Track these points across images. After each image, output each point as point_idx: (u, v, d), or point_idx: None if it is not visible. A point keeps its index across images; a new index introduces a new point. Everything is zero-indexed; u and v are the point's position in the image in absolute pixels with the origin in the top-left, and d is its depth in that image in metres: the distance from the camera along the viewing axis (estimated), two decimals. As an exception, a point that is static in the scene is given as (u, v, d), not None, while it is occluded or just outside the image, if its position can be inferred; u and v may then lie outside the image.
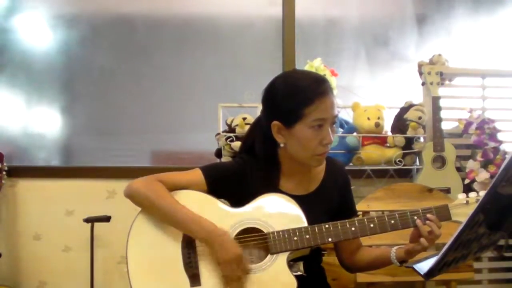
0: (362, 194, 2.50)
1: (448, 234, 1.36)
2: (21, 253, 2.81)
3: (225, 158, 2.63)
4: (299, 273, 1.55)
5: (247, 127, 2.50)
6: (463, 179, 2.78)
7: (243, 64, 3.20)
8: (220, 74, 3.17)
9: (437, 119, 2.76)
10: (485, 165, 2.77)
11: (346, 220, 1.58)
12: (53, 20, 3.12)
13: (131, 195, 1.58)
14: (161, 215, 1.56)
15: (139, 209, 1.60)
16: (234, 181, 1.63)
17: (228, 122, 2.70)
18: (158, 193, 1.56)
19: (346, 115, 2.90)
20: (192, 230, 1.53)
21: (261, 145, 1.66)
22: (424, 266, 1.43)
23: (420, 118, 2.76)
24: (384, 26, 3.36)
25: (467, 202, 1.59)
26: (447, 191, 2.68)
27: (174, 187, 1.60)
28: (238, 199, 1.61)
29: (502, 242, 1.44)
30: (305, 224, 1.56)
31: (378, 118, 2.76)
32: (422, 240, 1.54)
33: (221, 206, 1.60)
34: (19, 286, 2.80)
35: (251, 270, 1.52)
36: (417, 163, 2.84)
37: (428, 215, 1.57)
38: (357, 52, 3.31)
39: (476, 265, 2.78)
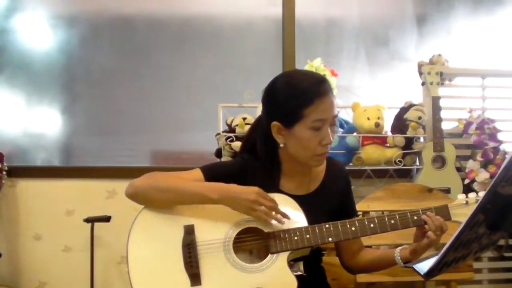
0: (362, 194, 2.50)
1: (448, 234, 1.36)
2: (21, 253, 2.81)
3: (225, 158, 2.63)
4: (299, 273, 1.55)
5: (247, 127, 2.50)
6: (463, 179, 2.78)
7: (243, 64, 3.20)
8: (220, 74, 3.17)
9: (437, 119, 2.76)
10: (485, 165, 2.77)
11: (347, 220, 1.58)
12: (53, 20, 3.12)
13: (134, 193, 1.58)
14: (171, 196, 1.56)
15: (139, 208, 1.60)
16: (234, 181, 1.61)
17: (228, 122, 2.70)
18: (162, 178, 1.58)
19: (346, 115, 2.90)
20: (207, 194, 1.53)
21: (262, 144, 1.66)
22: (424, 266, 1.43)
23: (420, 118, 2.76)
24: (384, 26, 3.36)
25: (467, 202, 1.59)
26: (447, 191, 2.68)
27: (174, 187, 1.59)
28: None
29: (502, 242, 1.44)
30: (306, 224, 1.56)
31: (378, 118, 2.75)
32: (430, 233, 1.54)
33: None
34: (19, 286, 2.80)
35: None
36: (417, 163, 2.84)
37: (428, 214, 1.57)
38: (357, 52, 3.31)
39: (476, 265, 2.78)
